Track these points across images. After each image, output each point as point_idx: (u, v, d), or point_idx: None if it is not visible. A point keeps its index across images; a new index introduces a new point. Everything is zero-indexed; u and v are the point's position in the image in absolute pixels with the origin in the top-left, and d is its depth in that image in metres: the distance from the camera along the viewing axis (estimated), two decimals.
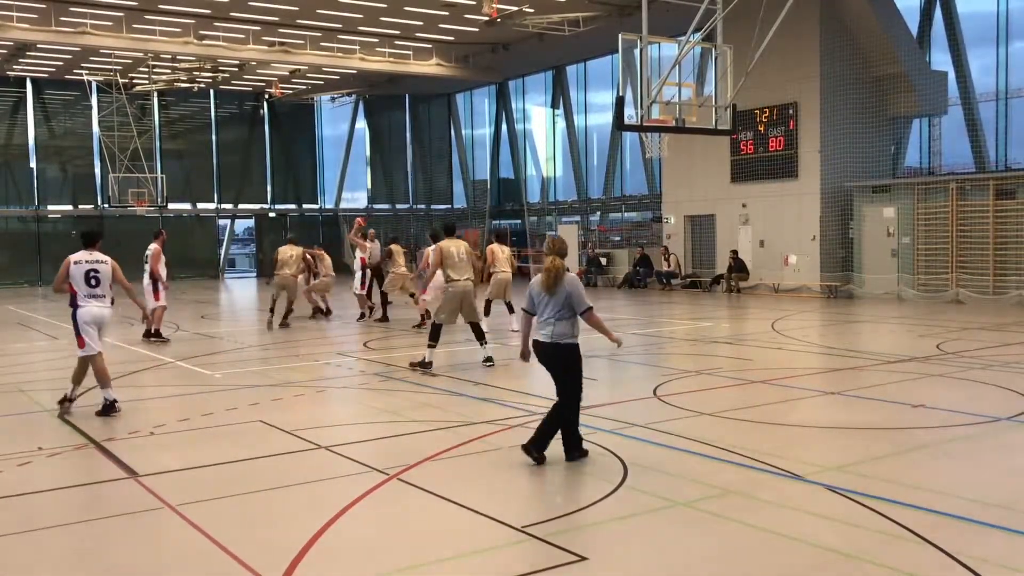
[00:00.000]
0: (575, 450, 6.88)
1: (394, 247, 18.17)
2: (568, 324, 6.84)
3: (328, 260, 19.10)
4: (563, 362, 6.88)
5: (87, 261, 9.32)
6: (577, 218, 37.96)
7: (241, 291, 26.17)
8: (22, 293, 31.41)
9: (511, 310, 16.07)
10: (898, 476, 6.44)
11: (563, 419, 6.84)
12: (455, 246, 11.86)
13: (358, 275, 18.62)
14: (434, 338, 11.66)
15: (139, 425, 8.59)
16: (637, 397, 9.79)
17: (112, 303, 9.49)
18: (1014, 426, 8.03)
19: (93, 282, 9.28)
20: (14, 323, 19.24)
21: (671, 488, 6.24)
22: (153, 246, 15.34)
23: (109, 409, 9.10)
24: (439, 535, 5.40)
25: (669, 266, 27.69)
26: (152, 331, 15.31)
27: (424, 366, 11.49)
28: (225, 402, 9.75)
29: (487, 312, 16.19)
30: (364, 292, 18.51)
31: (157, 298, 15.20)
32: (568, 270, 6.94)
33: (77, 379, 9.31)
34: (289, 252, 17.60)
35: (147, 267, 15.31)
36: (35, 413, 9.42)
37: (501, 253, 15.87)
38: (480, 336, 12.09)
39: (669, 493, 6.11)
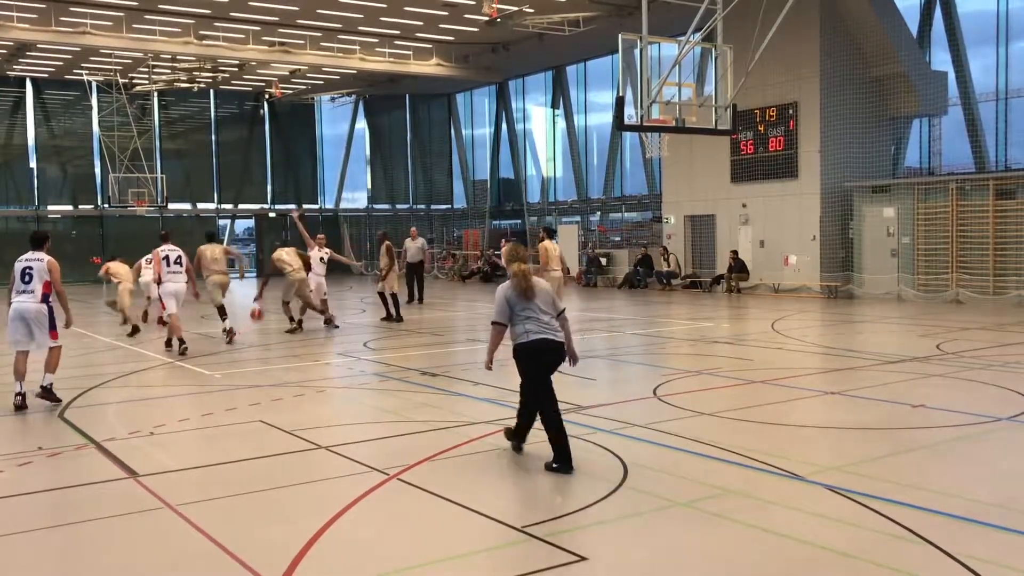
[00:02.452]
0: (567, 457, 6.62)
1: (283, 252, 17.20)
2: (557, 323, 6.88)
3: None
4: (560, 361, 6.90)
5: (25, 259, 9.64)
6: (577, 218, 37.93)
7: (241, 291, 26.17)
8: None
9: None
10: (898, 476, 6.44)
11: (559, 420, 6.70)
12: (210, 250, 15.31)
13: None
14: (223, 315, 15.21)
15: (139, 425, 8.59)
16: (637, 397, 9.79)
17: (43, 300, 9.55)
18: (1014, 426, 8.03)
19: (27, 278, 9.55)
20: None
21: (671, 488, 6.23)
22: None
23: (19, 399, 9.46)
24: (439, 535, 5.40)
25: (668, 266, 27.69)
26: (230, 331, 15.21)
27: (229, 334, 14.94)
28: (225, 402, 9.76)
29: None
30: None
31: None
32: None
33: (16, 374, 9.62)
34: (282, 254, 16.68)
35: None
36: (35, 413, 9.40)
37: (554, 251, 15.70)
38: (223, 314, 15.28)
39: (669, 493, 6.10)
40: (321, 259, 17.30)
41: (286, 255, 16.54)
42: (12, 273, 9.66)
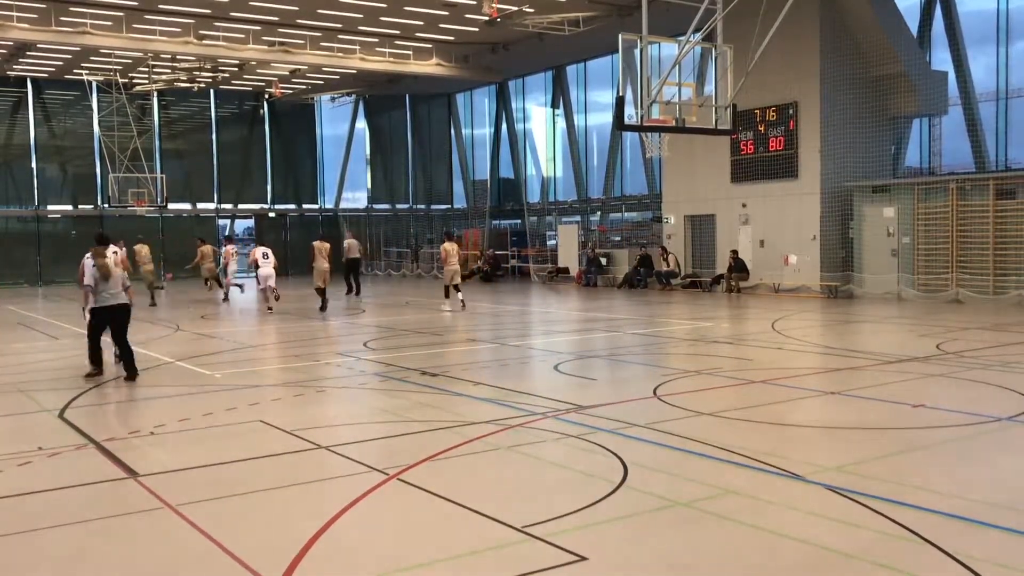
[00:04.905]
0: (134, 369, 11.25)
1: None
2: (125, 295, 11.30)
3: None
4: (127, 315, 11.32)
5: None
6: (577, 218, 37.93)
7: (240, 291, 26.21)
8: (22, 293, 31.39)
9: (447, 295, 20.62)
10: (898, 476, 6.44)
11: (129, 350, 11.25)
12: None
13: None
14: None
15: (139, 425, 8.59)
16: (637, 397, 9.79)
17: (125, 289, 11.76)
18: (1014, 426, 8.03)
19: None
20: (14, 323, 19.24)
21: (671, 488, 6.23)
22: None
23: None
24: (439, 535, 5.40)
25: (668, 266, 27.69)
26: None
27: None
28: (225, 402, 9.75)
29: (447, 295, 20.78)
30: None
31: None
32: (117, 266, 11.37)
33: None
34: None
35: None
36: (35, 413, 9.42)
37: (452, 250, 20.80)
38: None
39: (669, 493, 6.10)
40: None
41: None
42: (80, 268, 11.59)
